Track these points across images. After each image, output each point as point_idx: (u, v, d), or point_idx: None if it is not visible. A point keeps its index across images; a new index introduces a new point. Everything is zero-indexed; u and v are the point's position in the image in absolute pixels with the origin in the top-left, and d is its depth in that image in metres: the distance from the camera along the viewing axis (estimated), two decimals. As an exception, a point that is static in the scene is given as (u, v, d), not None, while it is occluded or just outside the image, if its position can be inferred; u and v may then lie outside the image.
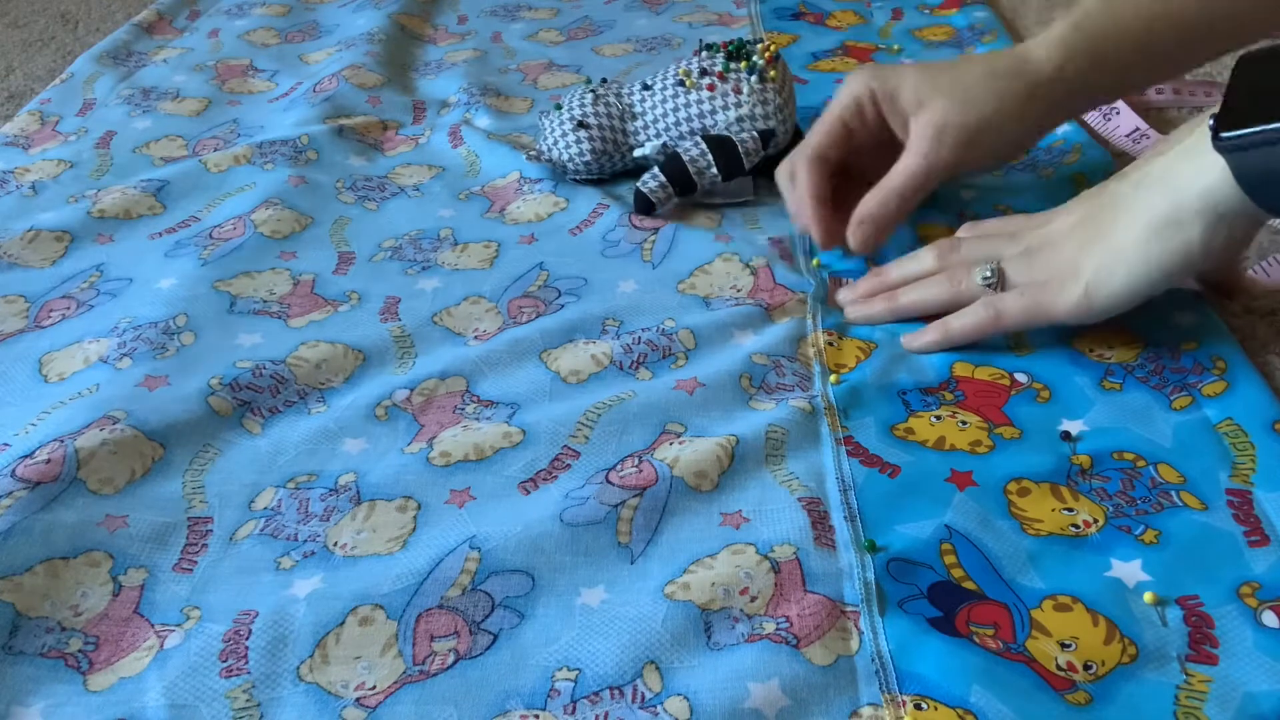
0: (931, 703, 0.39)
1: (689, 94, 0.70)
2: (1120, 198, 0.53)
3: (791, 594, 0.44)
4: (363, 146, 0.81)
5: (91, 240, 0.69)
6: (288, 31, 1.04)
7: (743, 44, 0.71)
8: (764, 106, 0.69)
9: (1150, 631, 0.41)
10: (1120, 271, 0.51)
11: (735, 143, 0.68)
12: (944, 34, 0.96)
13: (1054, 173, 0.72)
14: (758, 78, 0.69)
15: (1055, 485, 0.48)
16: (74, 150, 0.81)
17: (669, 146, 0.70)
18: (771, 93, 0.69)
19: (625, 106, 0.72)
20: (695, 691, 0.40)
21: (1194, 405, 0.52)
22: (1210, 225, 0.49)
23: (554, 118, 0.73)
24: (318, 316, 0.62)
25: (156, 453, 0.51)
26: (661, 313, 0.61)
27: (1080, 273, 0.52)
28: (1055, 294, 0.53)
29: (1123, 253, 0.51)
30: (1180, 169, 0.50)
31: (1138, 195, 0.51)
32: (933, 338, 0.57)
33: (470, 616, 0.43)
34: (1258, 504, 0.46)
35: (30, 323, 0.62)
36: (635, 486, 0.48)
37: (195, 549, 0.47)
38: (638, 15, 1.04)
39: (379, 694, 0.41)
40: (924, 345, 0.57)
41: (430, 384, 0.56)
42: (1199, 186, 0.48)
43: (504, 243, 0.68)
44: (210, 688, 0.41)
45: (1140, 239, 0.51)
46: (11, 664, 0.42)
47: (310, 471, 0.51)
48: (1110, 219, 0.52)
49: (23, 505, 0.47)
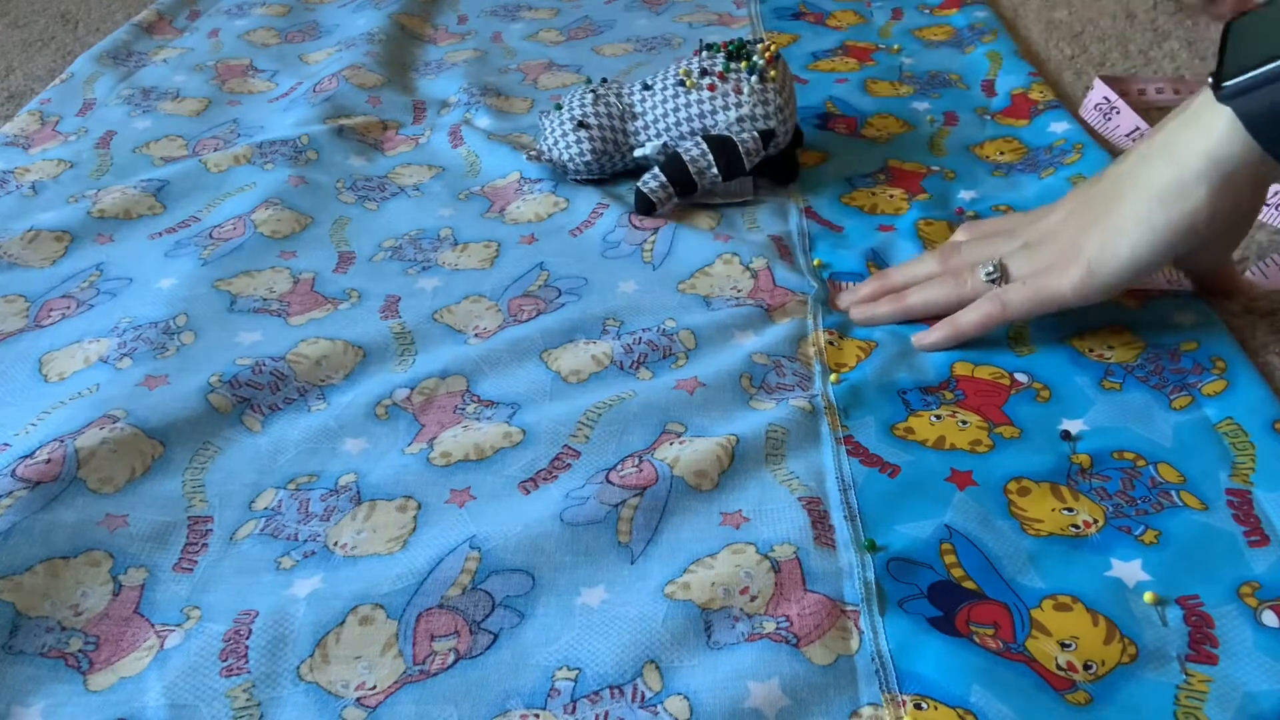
0: (931, 702, 0.39)
1: (689, 94, 0.70)
2: (1120, 177, 0.53)
3: (791, 593, 0.44)
4: (363, 146, 0.81)
5: (91, 240, 0.69)
6: (288, 31, 1.04)
7: (743, 44, 0.71)
8: (764, 107, 0.69)
9: (1150, 631, 0.41)
10: (1124, 246, 0.52)
11: (736, 143, 0.68)
12: (944, 34, 0.96)
13: (1054, 172, 0.72)
14: (758, 78, 0.69)
15: (1055, 485, 0.48)
16: (74, 150, 0.81)
17: (669, 146, 0.70)
18: (772, 93, 0.69)
19: (625, 106, 0.72)
20: (695, 691, 0.40)
21: (1194, 405, 0.52)
22: (1216, 188, 0.49)
23: (554, 118, 0.73)
24: (318, 314, 0.62)
25: (156, 450, 0.51)
26: (662, 312, 0.61)
27: (1081, 254, 0.53)
28: (1058, 278, 0.54)
29: (1124, 226, 0.52)
30: (1181, 136, 0.50)
31: (1139, 170, 0.52)
32: (942, 334, 0.57)
33: (470, 616, 0.43)
34: (1258, 504, 0.46)
35: (30, 322, 0.62)
36: (635, 486, 0.48)
37: (195, 548, 0.47)
38: (638, 15, 1.04)
39: (379, 694, 0.41)
40: (934, 342, 0.57)
41: (430, 383, 0.56)
42: (1202, 149, 0.49)
43: (504, 243, 0.68)
44: (210, 687, 0.41)
45: (1143, 211, 0.51)
46: (11, 664, 0.42)
47: (311, 472, 0.51)
48: (1109, 199, 0.53)
49: (23, 505, 0.47)
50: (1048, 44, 0.94)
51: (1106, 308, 0.58)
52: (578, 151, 0.72)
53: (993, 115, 0.81)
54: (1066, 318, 0.57)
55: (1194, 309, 0.58)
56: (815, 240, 0.67)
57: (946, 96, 0.84)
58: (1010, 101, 0.82)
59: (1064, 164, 0.72)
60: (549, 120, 0.73)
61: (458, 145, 0.80)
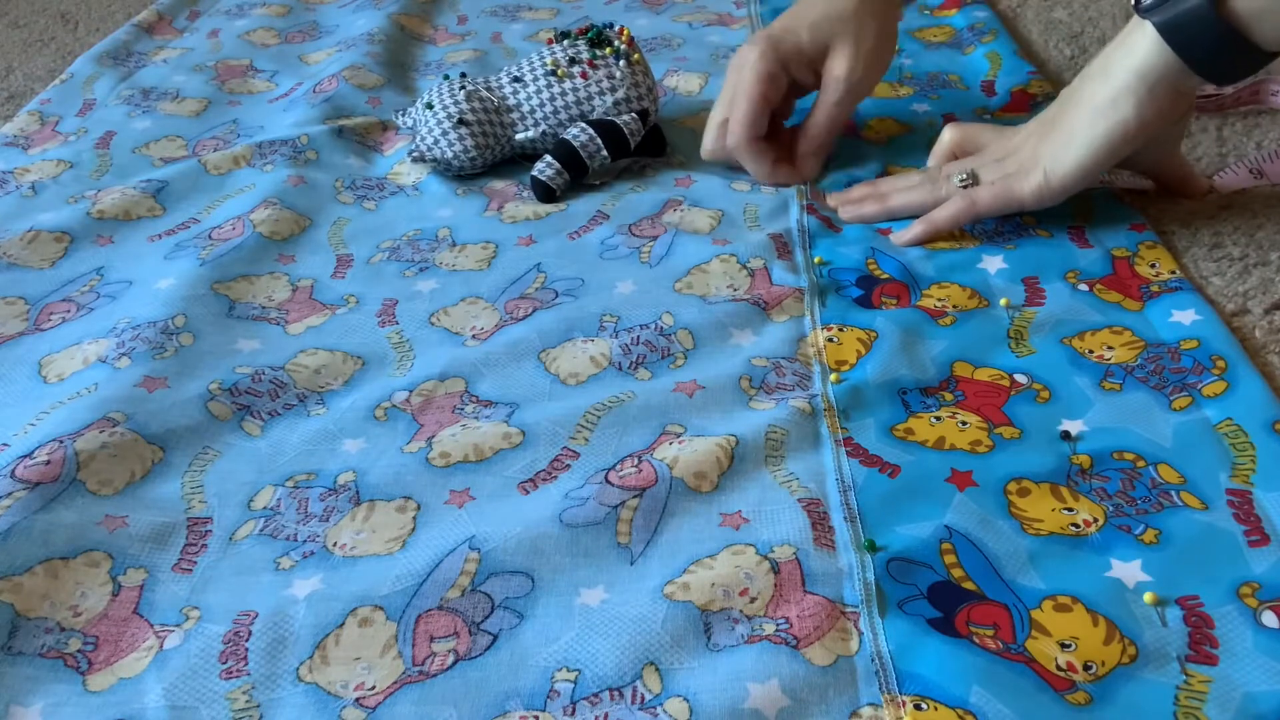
0: (931, 703, 0.39)
1: (563, 83, 0.73)
2: (1068, 96, 0.63)
3: (791, 595, 0.44)
4: (362, 148, 0.81)
5: (91, 241, 0.69)
6: (288, 32, 1.04)
7: (600, 31, 0.75)
8: (636, 89, 0.74)
9: (1150, 632, 0.41)
10: (1071, 152, 0.61)
11: (620, 125, 0.73)
12: (944, 34, 0.96)
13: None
14: (625, 62, 0.73)
15: (1055, 485, 0.48)
16: (74, 150, 0.81)
17: (547, 133, 0.74)
18: (641, 75, 0.75)
19: (499, 100, 0.74)
20: (695, 693, 0.40)
21: (1194, 405, 0.52)
22: (1141, 99, 0.59)
23: (427, 117, 0.74)
24: (315, 321, 0.62)
25: (156, 455, 0.51)
26: (659, 308, 0.61)
27: (1039, 162, 0.62)
28: (1020, 182, 0.63)
29: (1072, 137, 0.61)
30: (1114, 56, 0.60)
31: (1082, 88, 0.62)
32: (919, 230, 0.66)
33: (470, 617, 0.43)
34: (1258, 504, 0.46)
35: (30, 325, 0.62)
36: (635, 487, 0.48)
37: (195, 549, 0.47)
38: (638, 15, 1.04)
39: (379, 694, 0.40)
40: (913, 237, 0.66)
41: (429, 385, 0.56)
42: (1129, 65, 0.59)
43: (502, 244, 0.68)
44: (210, 689, 0.41)
45: (1085, 122, 0.61)
46: (11, 664, 0.42)
47: (309, 470, 0.51)
48: (1059, 115, 0.62)
49: (22, 505, 0.47)
50: (1047, 44, 0.94)
51: (1107, 308, 0.59)
52: (461, 149, 0.73)
53: (993, 114, 0.81)
54: (1067, 318, 0.58)
55: (1194, 308, 0.57)
56: (815, 238, 0.67)
57: (946, 98, 0.84)
58: (1010, 98, 0.82)
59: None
60: (422, 119, 0.74)
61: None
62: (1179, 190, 0.68)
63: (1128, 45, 0.59)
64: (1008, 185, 0.63)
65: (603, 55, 0.74)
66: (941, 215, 0.65)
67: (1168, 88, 0.58)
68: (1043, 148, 0.62)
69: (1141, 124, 0.59)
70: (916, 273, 0.63)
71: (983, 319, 0.59)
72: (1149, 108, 0.59)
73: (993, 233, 0.66)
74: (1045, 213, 0.66)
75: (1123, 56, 0.59)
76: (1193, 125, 0.76)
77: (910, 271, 0.63)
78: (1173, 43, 0.56)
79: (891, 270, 0.63)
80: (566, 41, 0.75)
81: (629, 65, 0.74)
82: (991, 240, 0.65)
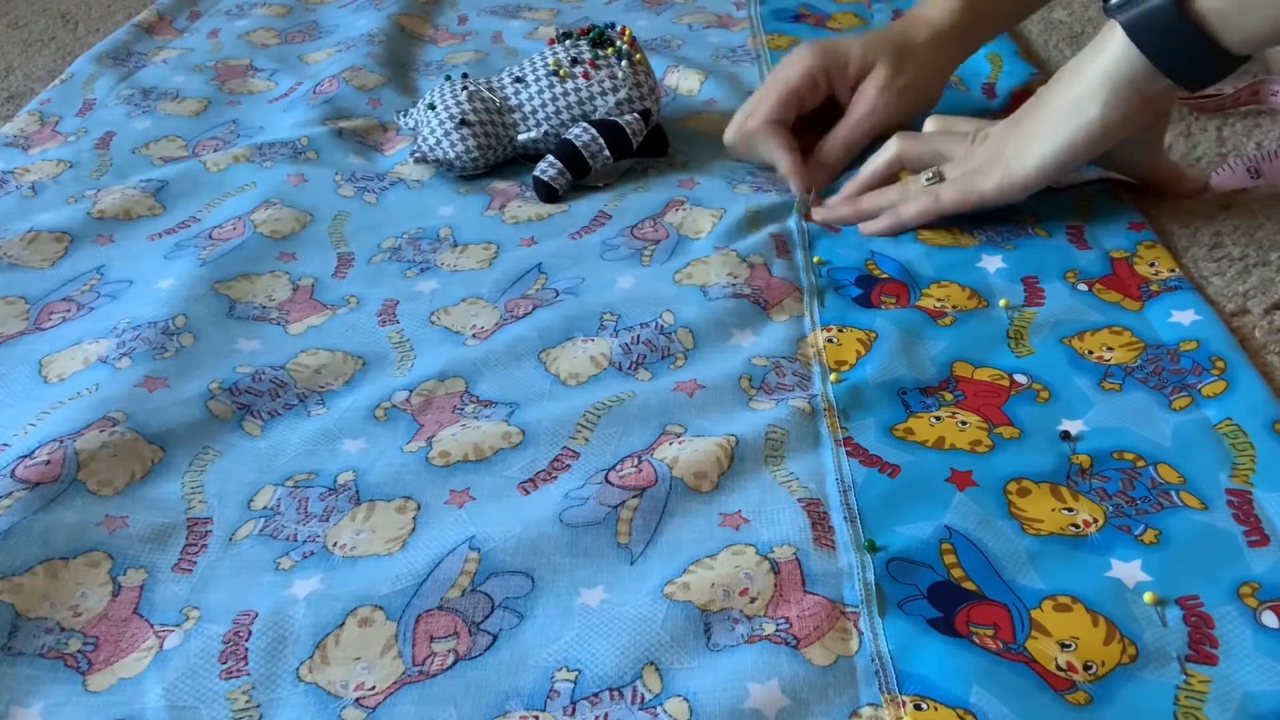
0: (931, 703, 0.39)
1: (565, 83, 0.73)
2: (1039, 97, 0.63)
3: (791, 595, 0.44)
4: (362, 148, 0.81)
5: (91, 241, 0.69)
6: (288, 32, 1.04)
7: (602, 31, 0.75)
8: (639, 89, 0.74)
9: (1150, 632, 0.41)
10: (1034, 151, 0.61)
11: (623, 125, 0.73)
12: (944, 34, 0.96)
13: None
14: (627, 62, 0.73)
15: (1055, 485, 0.48)
16: (74, 150, 0.81)
17: (549, 133, 0.73)
18: (643, 75, 0.75)
19: (501, 100, 0.74)
20: (695, 693, 0.40)
21: (1194, 405, 0.52)
22: (1106, 101, 0.59)
23: (429, 118, 0.74)
24: (316, 321, 0.62)
25: (156, 455, 0.51)
26: (659, 305, 0.61)
27: (1002, 158, 0.63)
28: (983, 178, 0.64)
29: (1037, 136, 0.62)
30: (1085, 57, 0.60)
31: (1052, 89, 0.62)
32: (886, 222, 0.67)
33: (470, 617, 0.43)
34: (1258, 504, 0.46)
35: (30, 325, 0.62)
36: (635, 487, 0.48)
37: (195, 549, 0.47)
38: (638, 16, 1.04)
39: (378, 694, 0.41)
40: (880, 229, 0.67)
41: (429, 385, 0.56)
42: (1098, 67, 0.59)
43: (503, 244, 0.68)
44: (210, 689, 0.41)
45: (1049, 124, 0.61)
46: (11, 664, 0.42)
47: (309, 470, 0.51)
48: (1027, 115, 0.63)
49: (22, 505, 0.47)
50: (1048, 44, 0.94)
51: (1106, 308, 0.59)
52: (464, 149, 0.73)
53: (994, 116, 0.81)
54: (1066, 318, 0.58)
55: (1194, 307, 0.57)
56: (815, 238, 0.67)
57: (948, 99, 0.84)
58: (1011, 100, 0.82)
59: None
60: (424, 119, 0.74)
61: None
62: (1173, 190, 0.68)
63: (1098, 47, 0.59)
64: (971, 182, 0.64)
65: (605, 55, 0.74)
66: (907, 210, 0.66)
67: (1134, 90, 0.58)
68: (1008, 145, 0.63)
69: (1106, 126, 0.59)
70: (916, 273, 0.63)
71: (982, 319, 0.59)
72: (1114, 110, 0.59)
73: (992, 233, 0.66)
74: (1044, 213, 0.66)
75: (1093, 58, 0.59)
76: (1193, 125, 0.76)
77: (909, 271, 0.63)
78: (1139, 43, 0.56)
79: (891, 270, 0.63)
80: (568, 41, 0.75)
81: (631, 65, 0.74)
82: (991, 240, 0.65)
